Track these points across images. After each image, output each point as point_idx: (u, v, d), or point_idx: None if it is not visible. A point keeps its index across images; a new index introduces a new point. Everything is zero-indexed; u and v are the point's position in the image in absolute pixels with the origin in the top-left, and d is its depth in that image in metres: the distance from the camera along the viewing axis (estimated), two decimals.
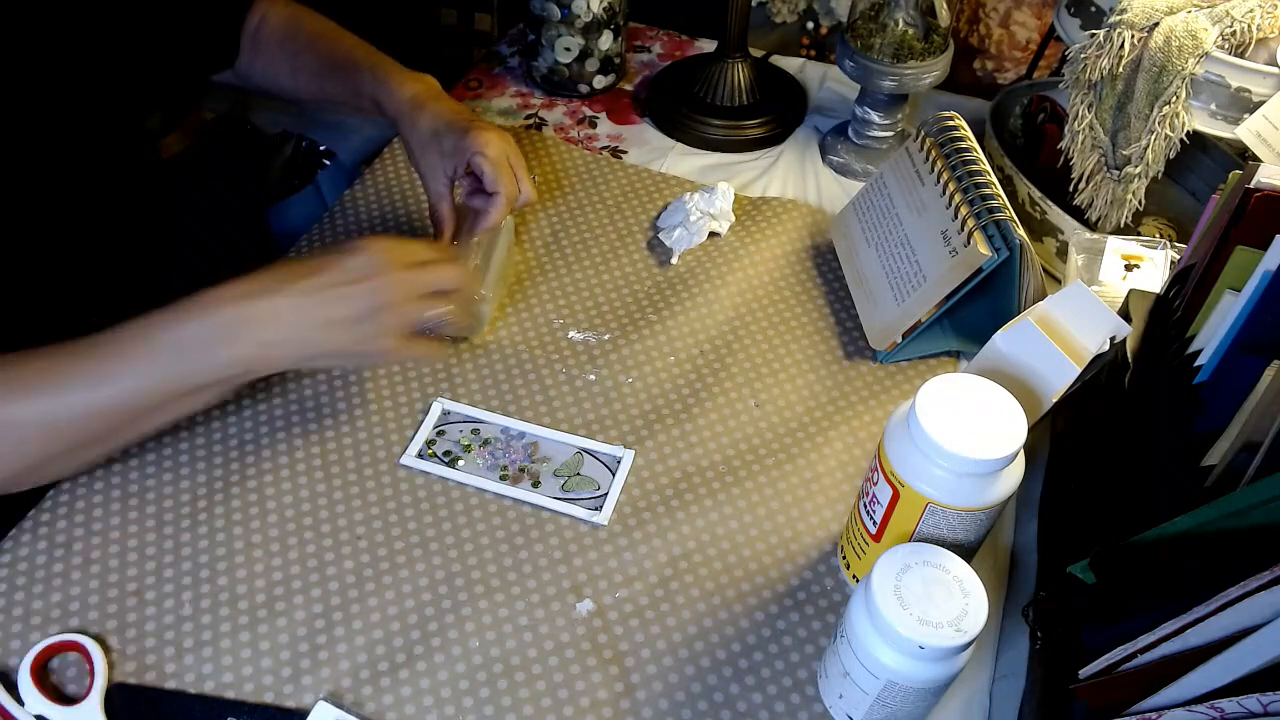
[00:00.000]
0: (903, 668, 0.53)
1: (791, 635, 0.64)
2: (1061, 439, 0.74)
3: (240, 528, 0.68)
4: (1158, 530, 0.51)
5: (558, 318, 0.84)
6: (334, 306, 0.60)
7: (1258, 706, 0.42)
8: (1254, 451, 0.52)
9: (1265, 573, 0.43)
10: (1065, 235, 0.85)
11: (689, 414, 0.77)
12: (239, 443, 0.73)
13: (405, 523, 0.69)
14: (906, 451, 0.57)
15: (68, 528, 0.67)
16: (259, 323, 0.59)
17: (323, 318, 0.60)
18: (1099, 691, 0.50)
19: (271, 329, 0.59)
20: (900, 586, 0.53)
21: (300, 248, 0.88)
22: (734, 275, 0.87)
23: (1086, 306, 0.66)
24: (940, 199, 0.80)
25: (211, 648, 0.62)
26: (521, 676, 0.61)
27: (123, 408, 0.59)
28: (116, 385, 0.58)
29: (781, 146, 1.04)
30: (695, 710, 0.61)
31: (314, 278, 0.60)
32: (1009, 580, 0.69)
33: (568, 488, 0.71)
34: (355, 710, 0.59)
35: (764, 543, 0.69)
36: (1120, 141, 0.82)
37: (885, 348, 0.80)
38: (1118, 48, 0.79)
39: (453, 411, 0.76)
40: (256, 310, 0.59)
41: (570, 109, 1.07)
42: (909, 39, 0.92)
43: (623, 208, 0.94)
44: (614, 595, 0.66)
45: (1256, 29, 0.76)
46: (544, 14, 1.01)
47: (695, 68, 1.06)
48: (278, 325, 0.60)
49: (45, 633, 0.62)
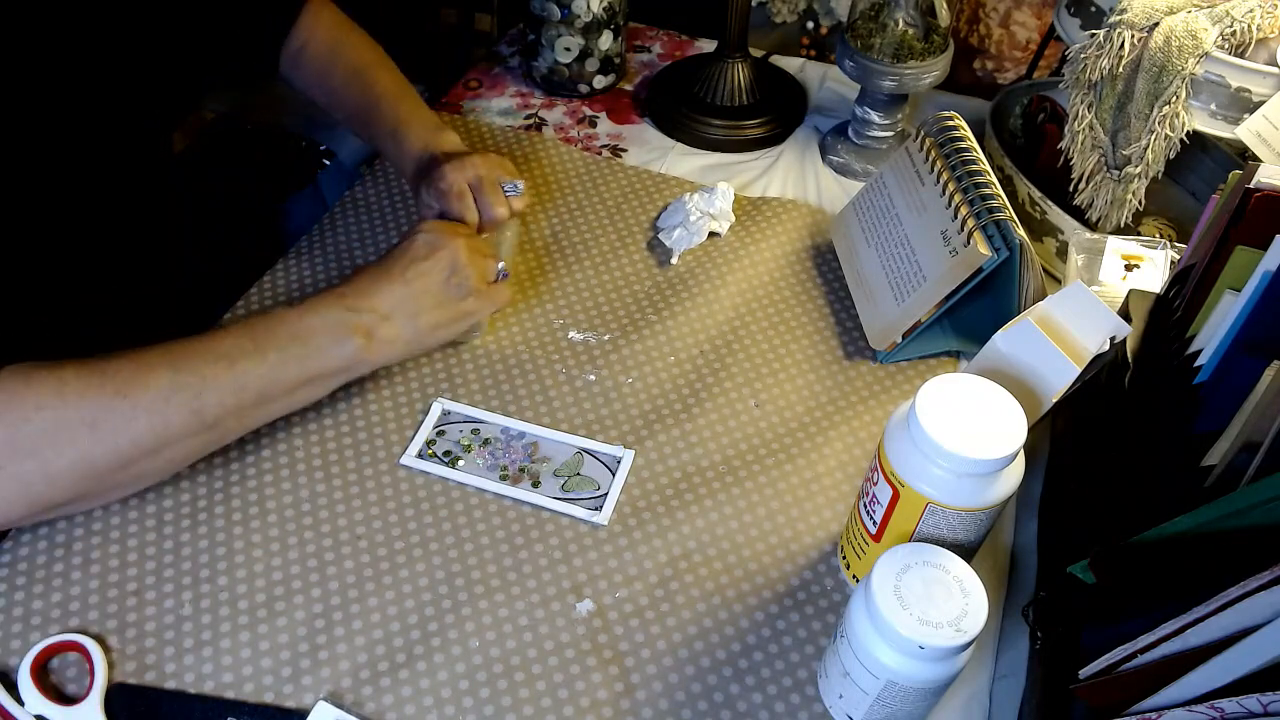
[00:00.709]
0: (903, 668, 0.53)
1: (791, 635, 0.64)
2: (1061, 439, 0.74)
3: (240, 528, 0.68)
4: (1158, 530, 0.51)
5: (558, 318, 0.84)
6: (421, 281, 0.69)
7: (1258, 706, 0.42)
8: (1254, 451, 0.52)
9: (1265, 573, 0.43)
10: (1065, 235, 0.85)
11: (689, 414, 0.77)
12: (239, 442, 0.73)
13: (405, 523, 0.69)
14: (906, 451, 0.57)
15: (67, 528, 0.67)
16: (365, 312, 0.68)
17: (417, 291, 0.69)
18: (1099, 691, 0.50)
19: (377, 318, 0.68)
20: (900, 586, 0.53)
21: (301, 248, 0.88)
22: (734, 275, 0.87)
23: (1086, 306, 0.66)
24: (940, 199, 0.80)
25: (211, 648, 0.62)
26: (521, 676, 0.61)
27: (253, 389, 0.64)
28: (256, 360, 0.64)
29: (781, 146, 1.04)
30: (695, 710, 0.61)
31: (395, 265, 0.70)
32: (1009, 580, 0.69)
33: (568, 488, 0.71)
34: (355, 710, 0.59)
35: (764, 543, 0.69)
36: (1120, 141, 0.82)
37: (885, 348, 0.80)
38: (1118, 48, 0.79)
39: (453, 411, 0.76)
40: (359, 304, 0.68)
41: (570, 109, 1.07)
42: (909, 39, 0.92)
43: (622, 208, 0.94)
44: (614, 595, 0.66)
45: (1256, 29, 0.76)
46: (544, 14, 1.02)
47: (695, 68, 1.06)
48: (381, 314, 0.68)
49: (45, 633, 0.62)
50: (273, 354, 0.64)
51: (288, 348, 0.65)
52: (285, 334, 0.65)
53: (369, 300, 0.68)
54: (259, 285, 0.84)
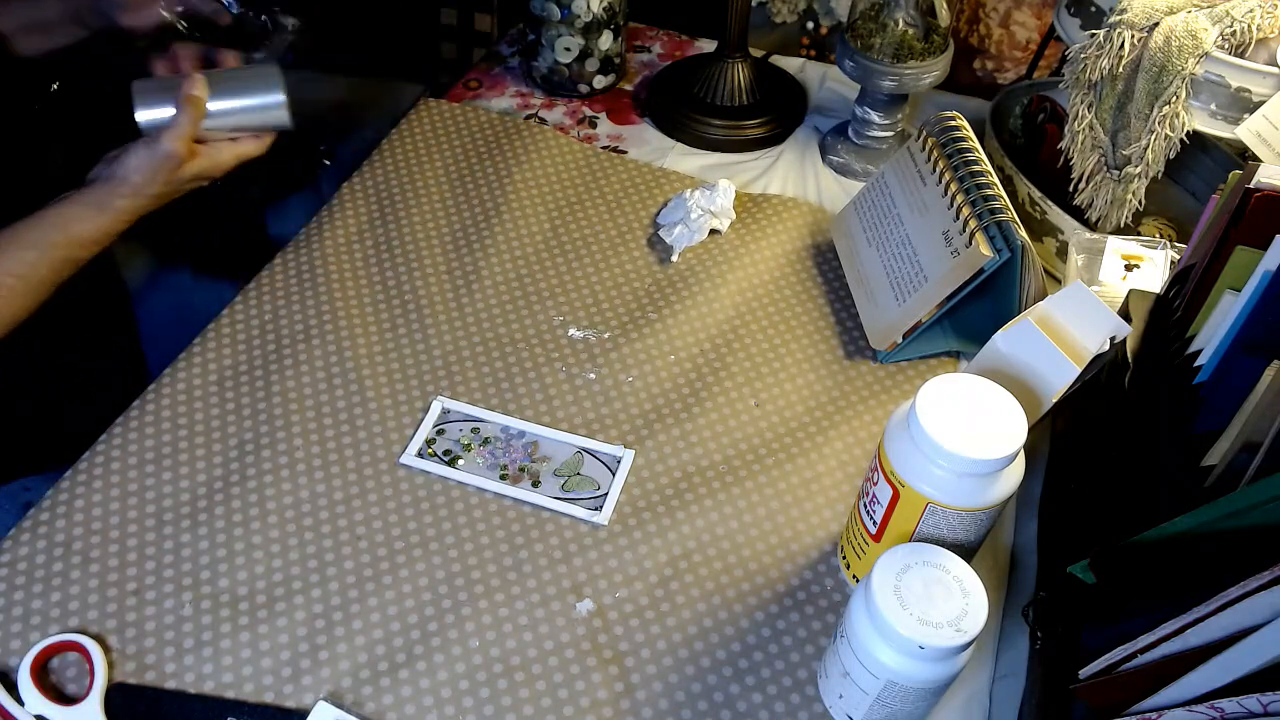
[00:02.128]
0: (903, 668, 0.53)
1: (791, 635, 0.64)
2: (1061, 439, 0.74)
3: (240, 528, 0.68)
4: (1158, 530, 0.51)
5: (558, 315, 0.84)
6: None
7: (1258, 706, 0.42)
8: (1254, 451, 0.52)
9: (1265, 573, 0.43)
10: (1065, 235, 0.85)
11: (689, 414, 0.77)
12: (239, 442, 0.73)
13: (405, 522, 0.69)
14: (906, 451, 0.57)
15: (67, 527, 0.67)
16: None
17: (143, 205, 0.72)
18: (1099, 691, 0.50)
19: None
20: (900, 586, 0.53)
21: (299, 244, 0.88)
22: (734, 274, 0.87)
23: (1086, 306, 0.66)
24: (942, 199, 0.80)
25: (211, 648, 0.62)
26: (521, 676, 0.61)
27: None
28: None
29: (781, 146, 1.04)
30: (695, 710, 0.61)
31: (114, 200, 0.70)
32: (1009, 580, 0.69)
33: (568, 487, 0.71)
34: (355, 710, 0.59)
35: (764, 543, 0.69)
36: (1120, 141, 0.82)
37: (885, 348, 0.80)
38: (1118, 48, 0.79)
39: (453, 410, 0.76)
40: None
41: (570, 109, 1.07)
42: (909, 39, 0.92)
43: (623, 204, 0.94)
44: (614, 595, 0.66)
45: (1256, 29, 0.76)
46: (544, 14, 1.01)
47: (695, 68, 1.06)
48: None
49: (45, 633, 0.62)
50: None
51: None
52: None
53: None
54: (257, 282, 0.84)
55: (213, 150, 0.74)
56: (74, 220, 0.69)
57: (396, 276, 0.86)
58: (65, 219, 0.69)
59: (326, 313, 0.82)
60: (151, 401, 0.75)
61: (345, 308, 0.82)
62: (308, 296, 0.83)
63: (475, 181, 0.95)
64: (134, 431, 0.73)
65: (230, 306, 0.82)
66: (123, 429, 0.73)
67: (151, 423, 0.73)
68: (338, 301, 0.83)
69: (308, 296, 0.83)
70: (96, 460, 0.71)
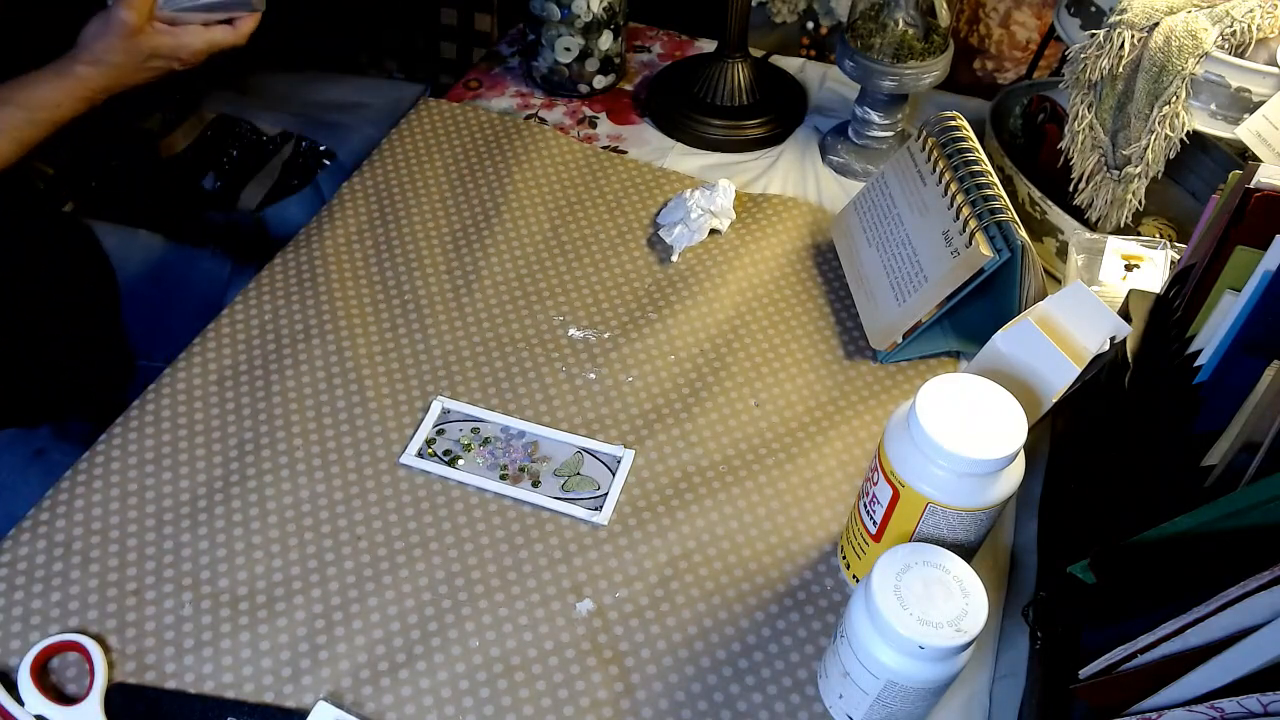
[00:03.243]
0: (903, 668, 0.53)
1: (791, 635, 0.64)
2: (1061, 439, 0.74)
3: (240, 528, 0.68)
4: (1158, 530, 0.51)
5: (558, 315, 0.84)
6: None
7: (1258, 706, 0.42)
8: (1254, 451, 0.52)
9: (1265, 573, 0.43)
10: (1065, 235, 0.85)
11: (689, 414, 0.77)
12: (239, 442, 0.73)
13: (405, 522, 0.69)
14: (906, 451, 0.57)
15: (67, 527, 0.67)
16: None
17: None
18: (1099, 691, 0.50)
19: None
20: (900, 586, 0.53)
21: (299, 243, 0.88)
22: (735, 274, 0.87)
23: (1086, 306, 0.66)
24: (942, 199, 0.80)
25: (211, 648, 0.62)
26: (521, 676, 0.61)
27: None
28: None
29: (781, 146, 1.04)
30: (695, 710, 0.61)
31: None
32: (1009, 580, 0.69)
33: (568, 487, 0.71)
34: (355, 710, 0.59)
35: (764, 543, 0.69)
36: (1120, 141, 0.82)
37: (885, 348, 0.80)
38: (1118, 48, 0.79)
39: (453, 410, 0.76)
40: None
41: (570, 109, 1.07)
42: (909, 39, 0.92)
43: (623, 203, 0.94)
44: (614, 595, 0.66)
45: (1256, 29, 0.76)
46: (544, 14, 1.01)
47: (695, 68, 1.06)
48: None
49: (45, 633, 0.62)
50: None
51: None
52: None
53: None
54: (256, 282, 0.84)
55: (181, 31, 0.76)
56: (33, 82, 0.72)
57: (396, 276, 0.86)
58: (25, 81, 0.72)
59: (326, 312, 0.82)
60: (151, 401, 0.75)
61: (345, 307, 0.82)
62: (308, 296, 0.83)
63: (475, 181, 0.95)
64: (134, 431, 0.73)
65: (230, 306, 0.82)
66: (123, 429, 0.73)
67: (151, 423, 0.73)
68: (338, 301, 0.83)
69: (308, 296, 0.83)
70: (96, 460, 0.71)
